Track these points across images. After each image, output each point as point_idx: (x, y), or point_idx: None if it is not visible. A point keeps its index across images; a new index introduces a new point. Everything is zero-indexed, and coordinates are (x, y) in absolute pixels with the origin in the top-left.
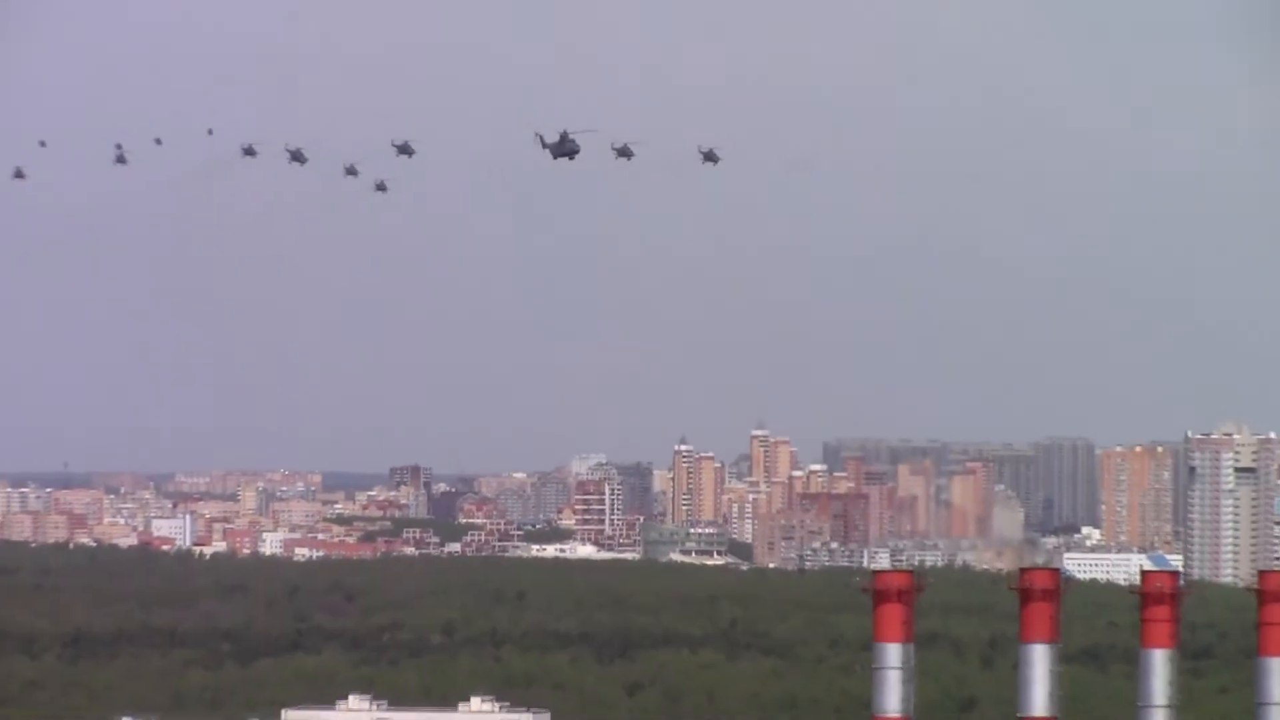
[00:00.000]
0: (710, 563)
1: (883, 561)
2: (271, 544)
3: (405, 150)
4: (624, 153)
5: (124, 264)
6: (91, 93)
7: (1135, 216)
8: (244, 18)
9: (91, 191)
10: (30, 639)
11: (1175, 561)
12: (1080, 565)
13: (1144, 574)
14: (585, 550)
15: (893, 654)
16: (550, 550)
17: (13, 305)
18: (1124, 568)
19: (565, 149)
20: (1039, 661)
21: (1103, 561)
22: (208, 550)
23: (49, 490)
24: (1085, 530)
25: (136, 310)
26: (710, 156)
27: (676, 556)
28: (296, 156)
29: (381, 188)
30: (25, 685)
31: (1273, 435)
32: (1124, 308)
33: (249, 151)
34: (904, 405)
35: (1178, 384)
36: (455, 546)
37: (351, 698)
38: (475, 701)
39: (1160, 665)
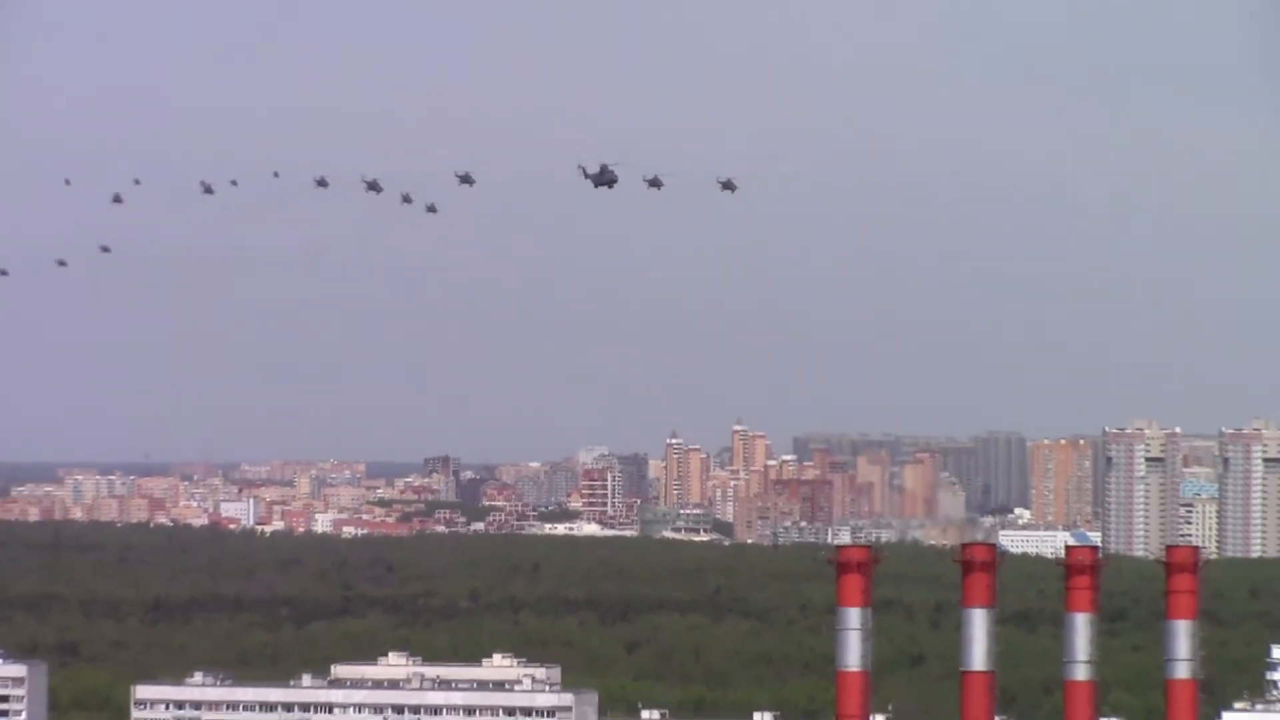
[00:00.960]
0: (697, 539)
1: (844, 538)
2: (322, 523)
3: (466, 180)
4: (654, 183)
5: (203, 282)
6: (178, 139)
7: (1055, 240)
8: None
9: (180, 218)
10: (116, 605)
11: (1095, 538)
12: (1013, 541)
13: (1068, 549)
14: (590, 529)
15: (853, 617)
16: (560, 529)
17: (100, 318)
18: (1051, 543)
19: (605, 179)
20: (978, 623)
21: (1032, 538)
22: (268, 529)
23: (132, 477)
24: (1018, 511)
25: (212, 324)
26: (728, 185)
27: (668, 534)
28: (373, 186)
29: (432, 209)
30: (112, 644)
31: (1178, 430)
32: (1051, 316)
33: (321, 183)
34: (862, 404)
35: (1097, 385)
36: (479, 525)
37: (391, 655)
38: (497, 658)
39: (1082, 627)
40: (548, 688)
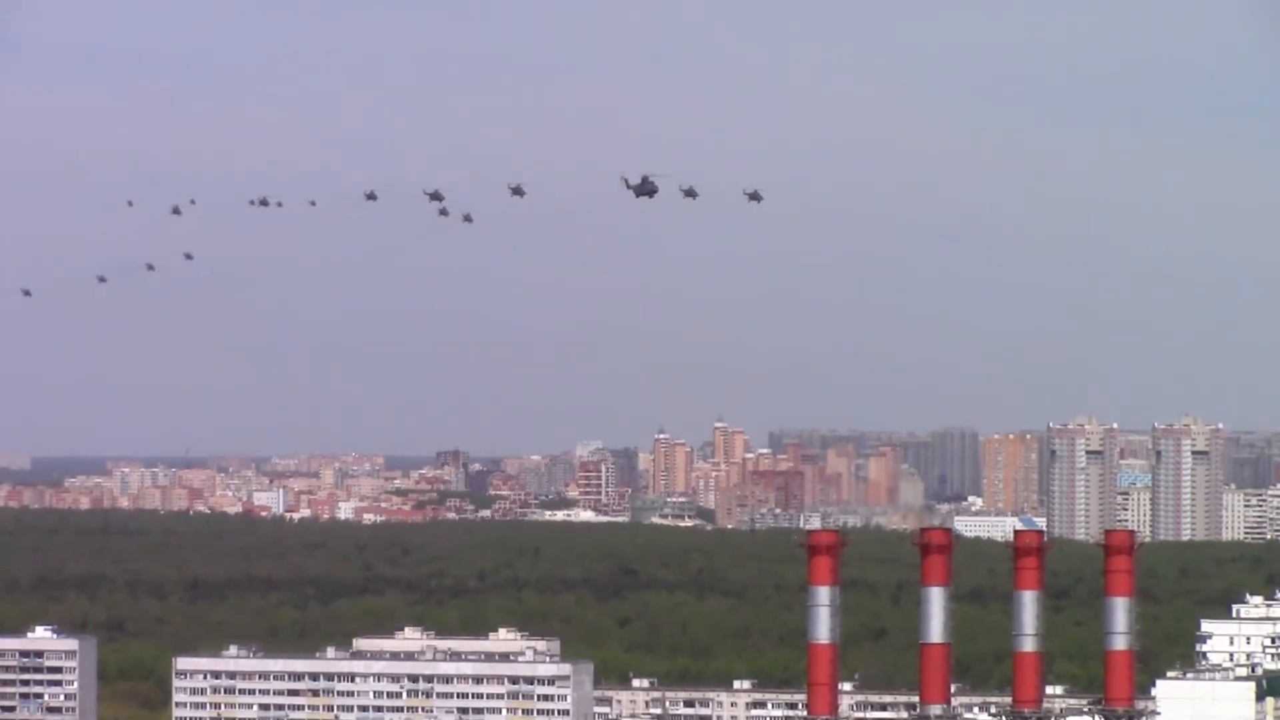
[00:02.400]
0: (682, 525)
1: (815, 523)
2: (345, 511)
3: (518, 191)
4: (690, 193)
5: (240, 293)
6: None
7: (1001, 255)
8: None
9: (232, 229)
10: (159, 584)
11: (1040, 523)
12: (967, 526)
13: (1016, 533)
14: (586, 515)
15: (823, 594)
16: (559, 515)
17: (146, 328)
18: (1000, 528)
19: (646, 189)
20: (935, 600)
21: (984, 523)
22: (296, 516)
23: (173, 470)
24: (971, 499)
25: (247, 330)
26: (755, 196)
27: (656, 520)
28: (435, 196)
29: (468, 219)
30: (155, 621)
31: (1115, 426)
32: (1000, 323)
33: (371, 196)
34: (832, 402)
35: (1042, 385)
36: (486, 513)
37: (407, 629)
38: (502, 632)
39: (1029, 603)
40: (548, 659)
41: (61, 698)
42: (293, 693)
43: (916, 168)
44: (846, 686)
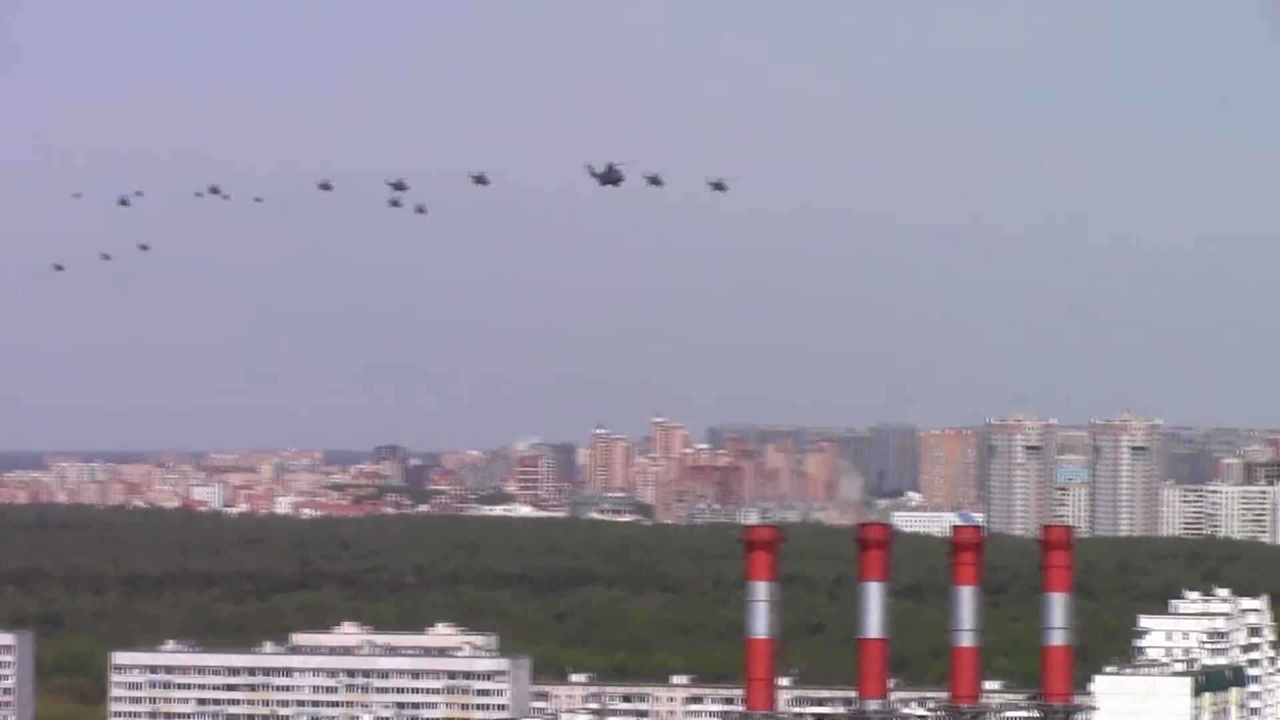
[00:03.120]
0: (621, 520)
1: (753, 519)
2: (283, 505)
3: (481, 180)
4: (655, 181)
5: (179, 287)
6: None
7: (938, 254)
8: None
9: (183, 223)
10: (96, 579)
11: (978, 518)
12: (905, 521)
13: (954, 528)
14: (525, 510)
15: (761, 590)
16: (497, 510)
17: (84, 321)
18: (939, 523)
19: (611, 178)
20: (874, 595)
21: (923, 518)
22: (234, 511)
23: (112, 464)
24: (909, 494)
25: (185, 324)
26: (719, 186)
27: (595, 515)
28: (398, 186)
29: (421, 210)
30: (92, 615)
31: (1054, 421)
32: (939, 319)
33: (325, 186)
34: (770, 397)
35: (981, 381)
36: (425, 508)
37: (345, 624)
38: (440, 627)
39: (967, 599)
40: (486, 654)
41: None
42: (230, 687)
43: (864, 164)
44: (784, 682)
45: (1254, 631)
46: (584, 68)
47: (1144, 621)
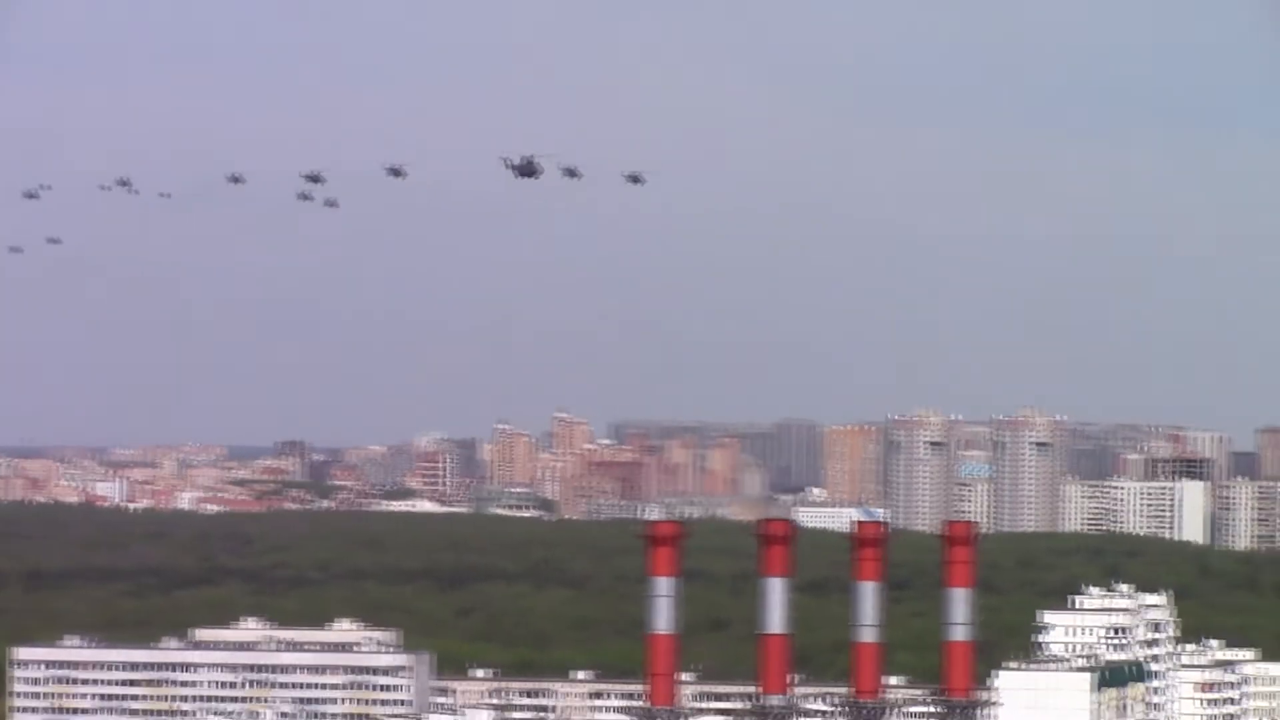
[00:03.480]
0: (523, 515)
1: (656, 514)
2: (185, 501)
3: (397, 173)
4: (572, 173)
5: (83, 282)
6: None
7: (847, 253)
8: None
9: (90, 216)
10: None
11: (881, 514)
12: (808, 517)
13: (857, 524)
14: (427, 506)
15: (664, 585)
16: (400, 506)
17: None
18: (841, 519)
19: (528, 171)
20: (775, 591)
21: (825, 514)
22: (136, 506)
23: (13, 459)
24: (812, 490)
25: (88, 318)
26: (636, 179)
27: (497, 510)
28: (313, 179)
29: (332, 204)
30: None
31: (956, 417)
32: (843, 316)
33: (235, 179)
34: (674, 393)
35: (884, 377)
36: (327, 503)
37: (246, 619)
38: (342, 623)
39: (869, 594)
40: (388, 649)
41: None
42: (131, 683)
43: (772, 160)
44: (686, 677)
45: (1156, 627)
46: (502, 65)
47: (1046, 617)
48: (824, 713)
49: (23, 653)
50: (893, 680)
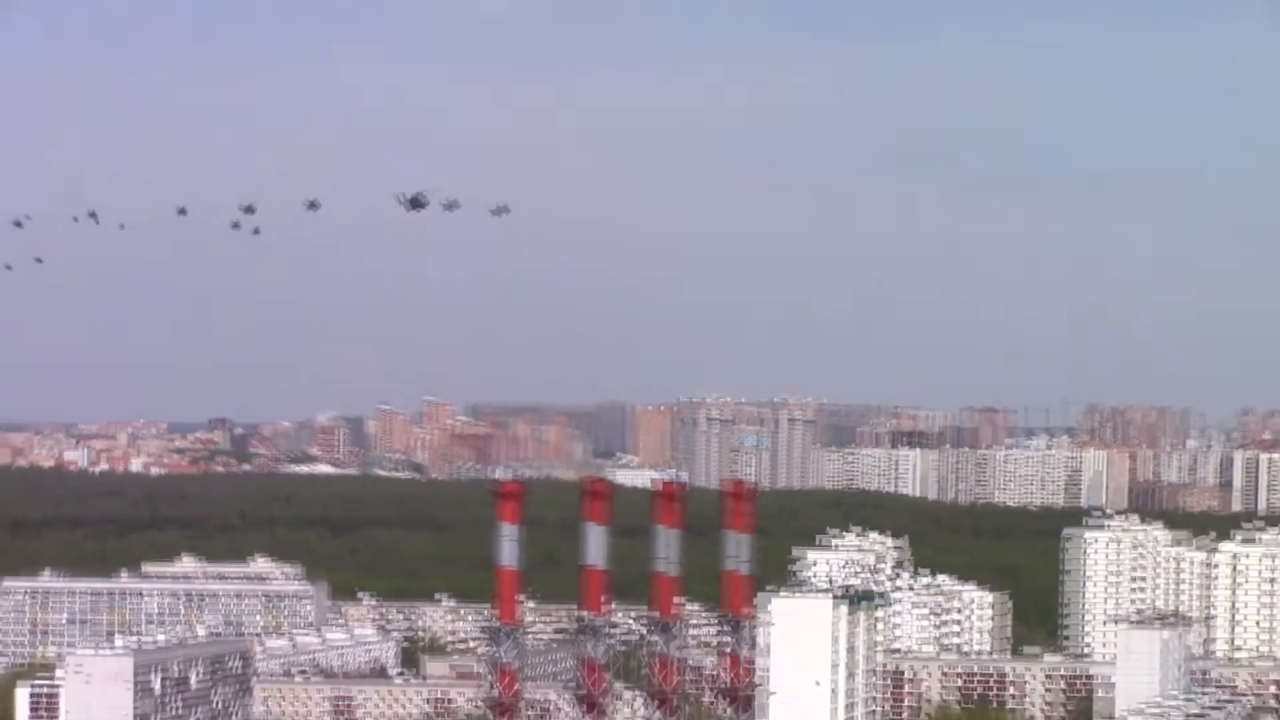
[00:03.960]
0: (400, 476)
1: (503, 475)
2: (136, 465)
3: (314, 205)
4: (451, 206)
5: (61, 287)
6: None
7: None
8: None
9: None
10: None
11: (677, 475)
12: (622, 477)
13: (660, 483)
14: (325, 469)
15: (509, 530)
16: (304, 469)
17: None
18: (646, 478)
19: (418, 203)
20: (596, 535)
21: (635, 475)
22: (97, 470)
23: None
24: (625, 455)
25: (64, 321)
26: (501, 210)
27: (380, 472)
28: (248, 210)
29: (257, 232)
30: None
31: (735, 399)
32: (653, 316)
33: (182, 211)
34: (518, 380)
35: (678, 365)
36: (248, 467)
37: (185, 557)
38: (260, 559)
39: (669, 537)
40: (294, 580)
41: None
42: (94, 607)
43: (582, 196)
44: (530, 604)
45: (895, 565)
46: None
47: (809, 554)
48: (629, 627)
49: (8, 584)
50: (690, 605)
